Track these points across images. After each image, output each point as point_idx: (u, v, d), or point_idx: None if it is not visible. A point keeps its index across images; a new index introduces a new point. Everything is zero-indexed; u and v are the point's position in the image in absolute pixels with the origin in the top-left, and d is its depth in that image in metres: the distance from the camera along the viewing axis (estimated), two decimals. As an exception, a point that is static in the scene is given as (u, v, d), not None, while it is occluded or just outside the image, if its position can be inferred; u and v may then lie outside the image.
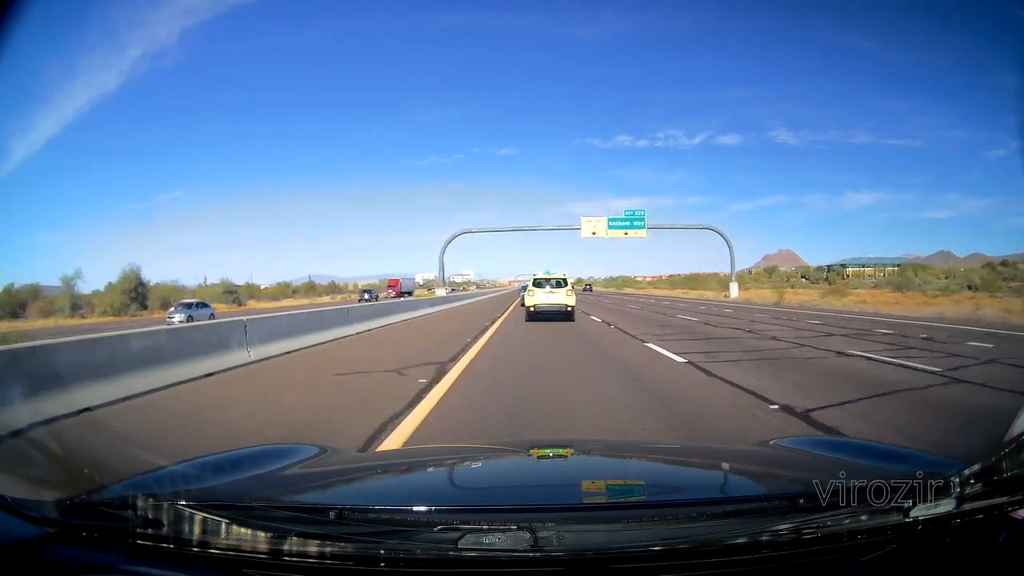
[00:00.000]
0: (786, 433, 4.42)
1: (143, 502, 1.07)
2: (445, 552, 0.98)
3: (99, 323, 31.30)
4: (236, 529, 1.03)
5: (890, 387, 6.39)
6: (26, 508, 1.11)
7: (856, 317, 19.43)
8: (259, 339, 9.55)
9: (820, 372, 7.69)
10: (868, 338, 12.00)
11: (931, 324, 15.75)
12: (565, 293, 18.44)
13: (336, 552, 0.99)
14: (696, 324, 16.96)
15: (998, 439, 1.46)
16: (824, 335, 12.79)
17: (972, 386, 6.49)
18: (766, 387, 6.44)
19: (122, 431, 5.03)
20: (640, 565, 0.97)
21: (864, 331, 13.66)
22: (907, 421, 4.90)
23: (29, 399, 5.18)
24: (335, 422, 5.10)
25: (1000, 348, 10.11)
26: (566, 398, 6.05)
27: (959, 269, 73.19)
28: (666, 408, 5.50)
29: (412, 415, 5.24)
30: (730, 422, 4.87)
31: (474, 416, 5.24)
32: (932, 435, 4.49)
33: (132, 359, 6.69)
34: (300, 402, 6.07)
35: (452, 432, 4.71)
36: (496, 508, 1.21)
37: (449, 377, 7.36)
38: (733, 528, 1.05)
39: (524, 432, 4.71)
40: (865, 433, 4.50)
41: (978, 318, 17.59)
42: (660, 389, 6.54)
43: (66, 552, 1.05)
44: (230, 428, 5.03)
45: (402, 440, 4.45)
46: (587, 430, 4.74)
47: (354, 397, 6.27)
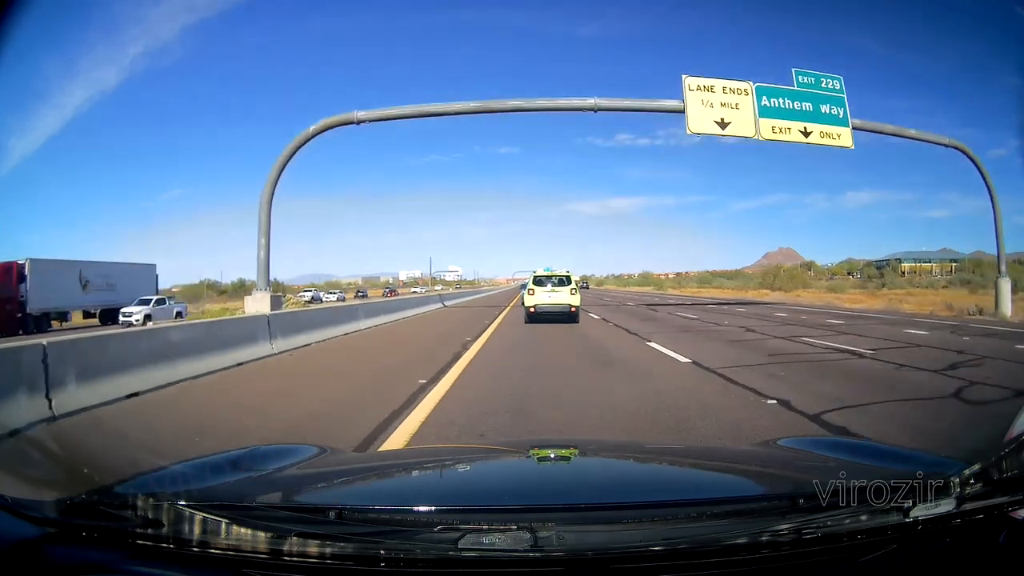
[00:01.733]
0: None
1: (143, 502, 1.08)
2: (445, 552, 0.98)
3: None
4: (236, 529, 1.03)
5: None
6: (26, 508, 1.11)
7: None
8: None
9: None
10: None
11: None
12: (569, 292, 16.56)
13: (336, 552, 0.99)
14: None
15: (998, 439, 1.46)
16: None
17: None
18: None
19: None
20: (640, 565, 0.97)
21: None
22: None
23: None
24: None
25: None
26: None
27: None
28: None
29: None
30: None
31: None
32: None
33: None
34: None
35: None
36: (496, 508, 1.21)
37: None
38: (733, 528, 1.05)
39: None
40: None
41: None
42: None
43: (66, 552, 1.05)
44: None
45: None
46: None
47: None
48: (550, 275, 17.13)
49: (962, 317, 18.71)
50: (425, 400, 5.84)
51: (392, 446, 4.25)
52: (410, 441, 4.41)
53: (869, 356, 9.03)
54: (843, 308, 26.14)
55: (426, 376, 7.22)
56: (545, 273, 17.21)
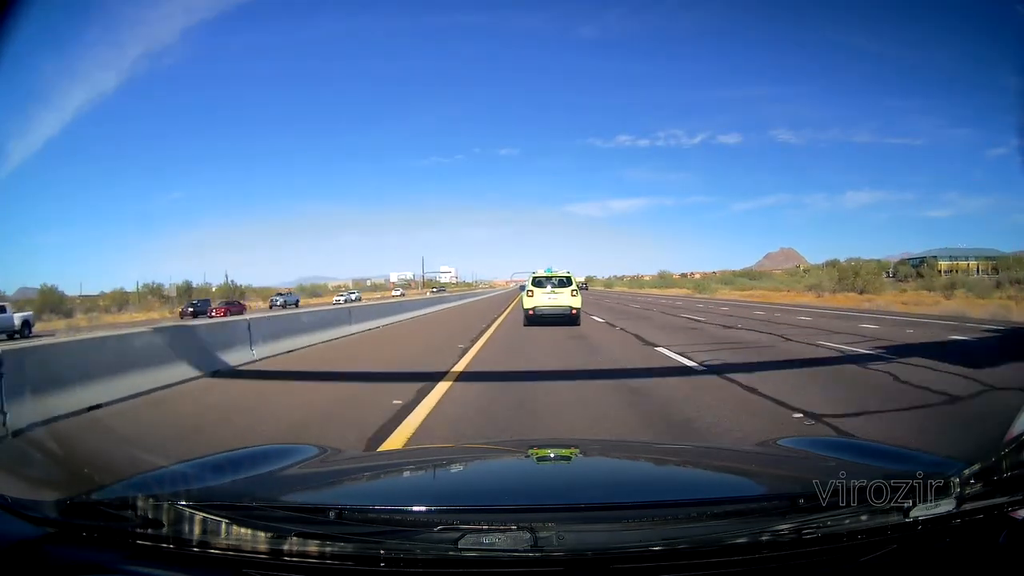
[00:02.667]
0: None
1: (143, 502, 1.07)
2: (445, 552, 0.98)
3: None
4: (236, 529, 1.03)
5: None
6: (26, 508, 1.11)
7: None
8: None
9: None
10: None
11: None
12: (569, 294, 15.87)
13: (336, 552, 0.99)
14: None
15: (998, 439, 1.46)
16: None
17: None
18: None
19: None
20: (640, 565, 0.97)
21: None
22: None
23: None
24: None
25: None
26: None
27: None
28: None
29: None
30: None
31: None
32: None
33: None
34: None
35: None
36: (496, 508, 1.21)
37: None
38: (733, 528, 1.05)
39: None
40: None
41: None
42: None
43: (66, 552, 1.05)
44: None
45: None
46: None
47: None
48: (550, 276, 16.28)
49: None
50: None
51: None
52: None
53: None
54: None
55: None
56: (545, 274, 16.36)
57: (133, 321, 31.81)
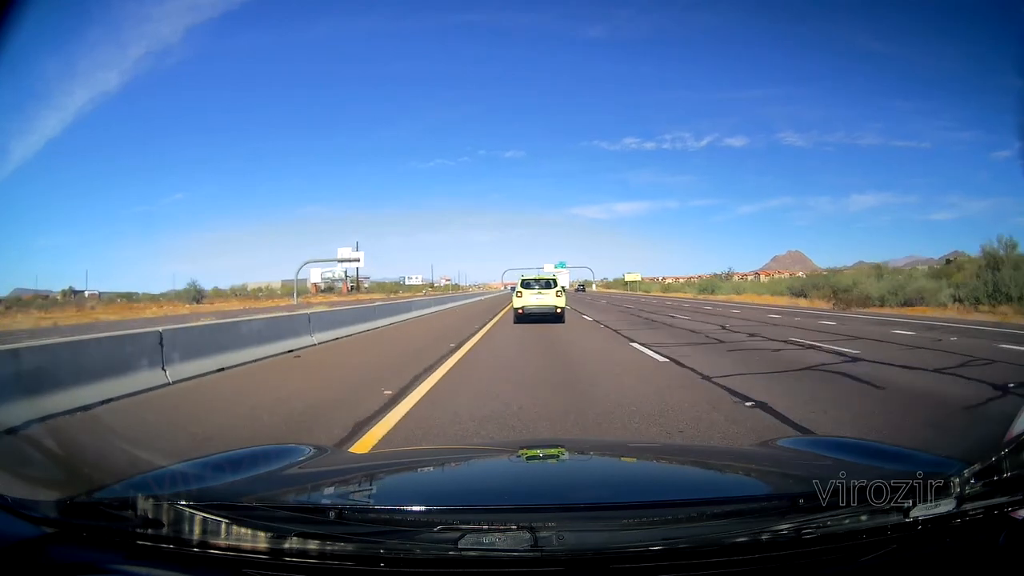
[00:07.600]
0: None
1: (143, 502, 1.07)
2: (445, 552, 0.98)
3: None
4: (236, 529, 1.03)
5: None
6: (26, 508, 1.11)
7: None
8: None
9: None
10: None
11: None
12: (555, 294, 17.40)
13: (336, 552, 0.99)
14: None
15: (998, 439, 1.45)
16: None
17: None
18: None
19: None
20: (640, 565, 0.97)
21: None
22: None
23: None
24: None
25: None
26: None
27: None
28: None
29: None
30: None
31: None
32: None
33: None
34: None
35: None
36: (496, 508, 1.21)
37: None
38: (733, 528, 1.05)
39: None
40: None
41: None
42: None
43: (66, 552, 1.05)
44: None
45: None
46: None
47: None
48: (537, 278, 18.10)
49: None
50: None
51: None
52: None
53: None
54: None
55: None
56: (532, 276, 18.18)
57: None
